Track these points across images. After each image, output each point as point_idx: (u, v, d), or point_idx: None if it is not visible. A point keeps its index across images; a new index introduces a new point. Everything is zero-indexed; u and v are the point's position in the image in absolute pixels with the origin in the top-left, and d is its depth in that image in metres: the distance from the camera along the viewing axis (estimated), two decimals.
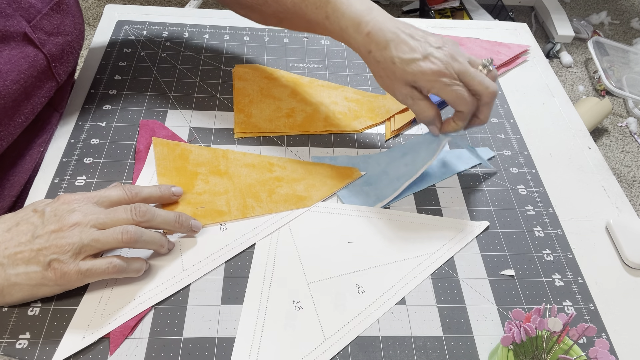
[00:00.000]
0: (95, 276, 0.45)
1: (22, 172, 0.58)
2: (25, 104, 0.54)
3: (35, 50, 0.53)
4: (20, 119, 0.54)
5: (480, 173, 0.62)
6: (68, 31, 0.57)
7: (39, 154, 0.59)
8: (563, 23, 2.07)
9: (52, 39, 0.55)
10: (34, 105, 0.55)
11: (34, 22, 0.53)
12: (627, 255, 0.55)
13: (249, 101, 0.67)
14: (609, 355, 0.40)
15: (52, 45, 0.55)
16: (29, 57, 0.52)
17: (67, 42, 0.57)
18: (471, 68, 0.51)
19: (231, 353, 0.45)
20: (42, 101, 0.56)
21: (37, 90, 0.55)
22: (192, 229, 0.51)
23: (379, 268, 0.52)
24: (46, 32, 0.54)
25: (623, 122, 1.91)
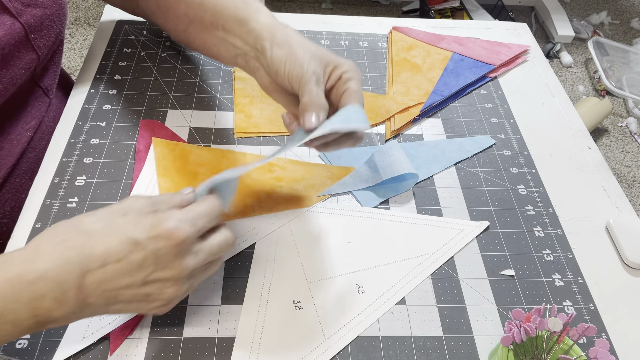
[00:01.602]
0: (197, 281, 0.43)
1: (9, 156, 0.58)
2: (3, 73, 0.54)
3: (12, 19, 0.54)
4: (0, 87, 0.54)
5: (480, 173, 0.62)
6: (47, 4, 0.58)
7: (28, 139, 0.59)
8: (563, 23, 2.07)
9: (29, 10, 0.55)
10: (13, 76, 0.55)
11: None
12: (627, 255, 0.55)
13: (249, 101, 0.67)
14: (609, 355, 0.40)
15: (30, 16, 0.56)
16: (5, 25, 0.53)
17: (45, 14, 0.58)
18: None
19: (231, 353, 0.45)
20: (22, 72, 0.56)
21: (16, 61, 0.55)
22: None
23: (379, 268, 0.52)
24: (22, 3, 0.55)
25: (623, 122, 1.91)
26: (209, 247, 0.41)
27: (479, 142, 0.66)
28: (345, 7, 2.26)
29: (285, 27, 0.50)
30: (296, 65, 0.47)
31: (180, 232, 0.39)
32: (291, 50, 0.48)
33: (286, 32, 0.50)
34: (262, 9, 0.53)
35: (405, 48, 0.78)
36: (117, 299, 0.38)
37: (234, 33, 0.54)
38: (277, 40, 0.49)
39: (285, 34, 0.49)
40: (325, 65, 0.49)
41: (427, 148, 0.64)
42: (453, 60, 0.76)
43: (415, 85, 0.72)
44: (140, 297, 0.39)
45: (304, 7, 2.22)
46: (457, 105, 0.71)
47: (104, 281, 0.37)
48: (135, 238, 0.38)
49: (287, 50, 0.48)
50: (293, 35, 0.49)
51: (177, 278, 0.39)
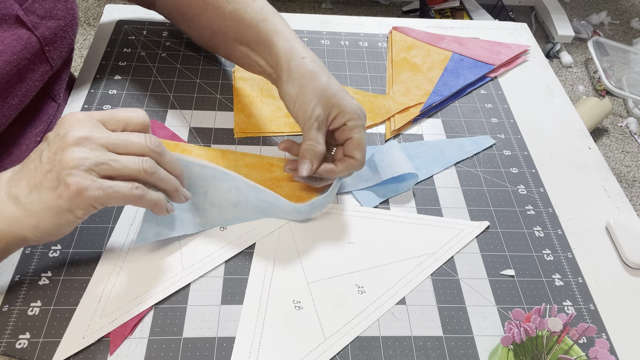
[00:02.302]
0: (118, 199, 0.41)
1: (18, 161, 0.58)
2: (19, 86, 0.54)
3: (28, 33, 0.53)
4: (14, 101, 0.54)
5: (480, 173, 0.62)
6: (61, 15, 0.57)
7: (36, 143, 0.60)
8: (563, 23, 2.07)
9: (44, 23, 0.55)
10: (28, 88, 0.55)
11: (26, 5, 0.53)
12: (627, 255, 0.55)
13: (249, 101, 0.67)
14: (609, 355, 0.40)
15: (45, 29, 0.55)
16: (22, 39, 0.53)
17: (59, 26, 0.57)
18: None
19: (231, 353, 0.45)
20: (36, 85, 0.56)
21: (31, 74, 0.55)
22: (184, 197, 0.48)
23: (379, 268, 0.52)
24: (38, 16, 0.54)
25: (623, 122, 1.91)
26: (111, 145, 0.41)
27: (479, 142, 0.66)
28: (345, 7, 2.26)
29: (301, 57, 0.53)
30: (302, 109, 0.51)
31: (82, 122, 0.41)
32: (302, 90, 0.51)
33: (301, 65, 0.52)
34: (280, 29, 0.55)
35: (405, 48, 0.78)
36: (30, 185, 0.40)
37: (257, 52, 0.57)
38: (291, 74, 0.53)
39: (299, 67, 0.52)
40: (330, 107, 0.51)
41: (427, 148, 0.64)
42: (453, 60, 0.76)
43: (415, 85, 0.72)
44: (44, 175, 0.40)
45: (304, 7, 2.23)
46: (457, 105, 0.71)
47: (16, 173, 0.42)
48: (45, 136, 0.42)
49: (298, 90, 0.52)
50: (306, 70, 0.52)
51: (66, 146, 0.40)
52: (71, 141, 0.40)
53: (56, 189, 0.39)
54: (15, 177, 0.42)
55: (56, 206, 0.40)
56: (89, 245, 0.51)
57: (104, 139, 0.41)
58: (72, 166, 0.39)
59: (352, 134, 0.52)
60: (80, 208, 0.40)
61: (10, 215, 0.40)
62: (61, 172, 0.39)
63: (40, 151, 0.42)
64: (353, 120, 0.52)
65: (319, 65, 0.53)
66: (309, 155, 0.52)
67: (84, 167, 0.39)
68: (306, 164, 0.52)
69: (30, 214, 0.40)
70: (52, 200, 0.40)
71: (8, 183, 0.42)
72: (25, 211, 0.40)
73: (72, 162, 0.39)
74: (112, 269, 0.49)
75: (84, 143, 0.40)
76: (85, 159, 0.39)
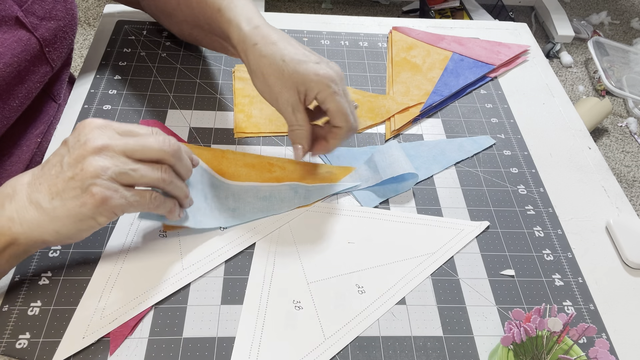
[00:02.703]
0: (138, 207, 0.43)
1: (19, 162, 0.58)
2: (19, 88, 0.54)
3: (28, 34, 0.53)
4: (15, 102, 0.54)
5: (480, 173, 0.62)
6: (60, 16, 0.57)
7: (36, 144, 0.59)
8: (563, 23, 2.07)
9: (44, 24, 0.55)
10: (29, 89, 0.55)
11: (26, 7, 0.53)
12: (627, 255, 0.55)
13: (249, 101, 0.67)
14: (609, 355, 0.40)
15: (45, 30, 0.55)
16: (22, 41, 0.53)
17: (59, 27, 0.57)
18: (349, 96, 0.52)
19: (231, 353, 0.45)
20: (36, 86, 0.56)
21: (31, 75, 0.55)
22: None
23: (379, 268, 0.52)
24: (38, 17, 0.54)
25: (623, 122, 1.91)
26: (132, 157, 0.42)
27: (479, 142, 0.66)
28: (345, 7, 2.26)
29: (253, 44, 0.50)
30: (273, 98, 0.51)
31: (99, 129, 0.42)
32: (264, 80, 0.51)
33: (254, 55, 0.50)
34: (232, 17, 0.53)
35: (405, 48, 0.78)
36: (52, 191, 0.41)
37: (228, 43, 0.57)
38: (251, 67, 0.52)
39: (254, 58, 0.51)
40: (296, 86, 0.50)
41: (427, 148, 0.64)
42: (453, 60, 0.76)
43: (415, 85, 0.72)
44: (67, 182, 0.41)
45: (304, 7, 2.23)
46: (457, 105, 0.71)
47: (37, 177, 0.42)
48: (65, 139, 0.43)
49: (261, 80, 0.51)
50: (260, 58, 0.50)
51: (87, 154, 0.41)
52: (92, 149, 0.41)
53: (80, 197, 0.40)
54: (36, 181, 0.42)
55: (80, 213, 0.41)
56: (89, 245, 0.51)
57: (122, 146, 0.42)
58: (95, 175, 0.40)
59: (326, 104, 0.50)
60: (103, 215, 0.41)
61: (33, 220, 0.41)
62: (85, 181, 0.40)
63: (60, 156, 0.42)
64: (322, 91, 0.49)
65: (272, 43, 0.50)
66: (296, 139, 0.53)
67: (106, 176, 0.41)
68: (297, 148, 0.53)
69: (53, 219, 0.41)
70: (76, 208, 0.41)
71: (29, 187, 0.42)
72: (48, 217, 0.41)
73: (95, 171, 0.40)
74: (112, 269, 0.49)
75: (104, 151, 0.41)
76: (107, 169, 0.41)
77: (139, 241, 0.51)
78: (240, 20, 0.52)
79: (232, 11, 0.53)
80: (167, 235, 0.52)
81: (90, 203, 0.40)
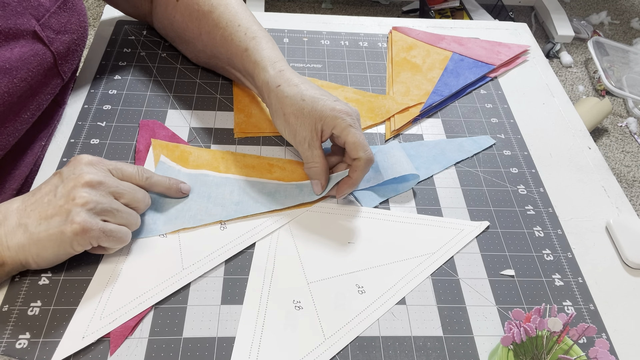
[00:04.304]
0: (111, 242, 0.46)
1: (23, 166, 0.58)
2: (31, 101, 0.54)
3: (44, 48, 0.54)
4: (26, 114, 0.54)
5: (480, 173, 0.62)
6: (74, 29, 0.58)
7: (41, 147, 0.60)
8: (563, 23, 2.07)
9: (59, 37, 0.55)
10: (40, 102, 0.55)
11: (43, 21, 0.53)
12: (627, 255, 0.55)
13: (249, 101, 0.67)
14: (609, 355, 0.40)
15: (60, 44, 0.56)
16: (38, 55, 0.53)
17: (72, 40, 0.58)
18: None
19: (231, 353, 0.45)
20: (47, 98, 0.57)
21: (43, 88, 0.55)
22: (182, 192, 0.54)
23: (379, 268, 0.52)
24: (54, 30, 0.55)
25: (623, 122, 1.91)
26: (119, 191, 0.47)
27: (479, 142, 0.66)
28: (345, 7, 2.26)
29: (276, 86, 0.54)
30: (291, 136, 0.55)
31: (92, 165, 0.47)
32: (286, 120, 0.54)
33: (277, 95, 0.54)
34: (259, 59, 0.57)
35: (405, 48, 0.78)
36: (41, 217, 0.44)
37: (247, 79, 0.61)
38: (273, 106, 0.55)
39: (277, 98, 0.54)
40: (314, 123, 0.53)
41: (427, 148, 0.64)
42: (453, 60, 0.76)
43: (415, 85, 0.72)
44: (57, 209, 0.44)
45: (304, 7, 2.23)
46: (457, 105, 0.71)
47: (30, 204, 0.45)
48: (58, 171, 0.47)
49: (282, 119, 0.54)
50: (282, 98, 0.54)
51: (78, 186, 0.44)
52: (86, 182, 0.45)
53: (63, 224, 0.43)
54: (28, 208, 0.45)
55: (60, 239, 0.44)
56: None
57: (114, 188, 0.47)
58: (82, 204, 0.44)
59: (343, 137, 0.52)
60: (80, 244, 0.44)
61: (19, 242, 0.44)
62: (73, 209, 0.43)
63: (54, 186, 0.46)
64: (338, 125, 0.52)
65: (294, 85, 0.54)
66: (313, 175, 0.55)
67: (93, 209, 0.44)
68: (315, 184, 0.55)
69: (36, 243, 0.44)
70: (58, 234, 0.43)
71: (18, 213, 0.45)
72: (32, 240, 0.44)
73: (84, 200, 0.44)
74: (112, 269, 0.49)
75: (98, 187, 0.45)
76: (96, 203, 0.44)
77: (139, 241, 0.51)
78: (267, 64, 0.56)
79: (259, 54, 0.57)
80: (167, 235, 0.52)
81: (70, 230, 0.43)
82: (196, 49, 0.66)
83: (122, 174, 0.49)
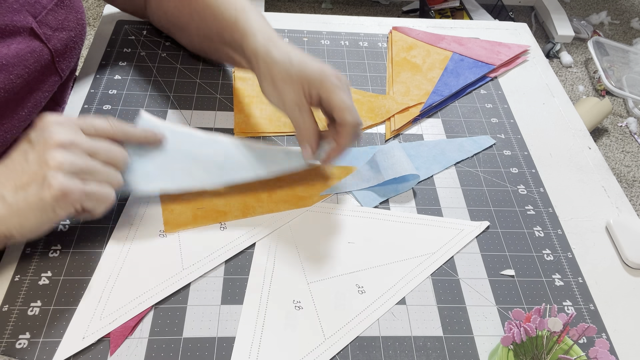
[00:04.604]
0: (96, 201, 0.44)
1: None
2: (28, 98, 0.54)
3: (41, 46, 0.54)
4: (24, 112, 0.54)
5: (480, 173, 0.62)
6: (71, 27, 0.57)
7: None
8: (563, 23, 2.07)
9: (56, 35, 0.55)
10: (37, 99, 0.55)
11: (40, 18, 0.53)
12: (627, 255, 0.55)
13: (249, 101, 0.67)
14: (609, 355, 0.40)
15: (57, 41, 0.55)
16: (35, 52, 0.53)
17: (70, 37, 0.58)
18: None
19: (231, 353, 0.45)
20: (45, 96, 0.56)
21: (41, 85, 0.55)
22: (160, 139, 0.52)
23: (379, 268, 0.52)
24: (51, 28, 0.55)
25: (623, 122, 1.91)
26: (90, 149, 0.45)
27: (479, 142, 0.66)
28: (345, 7, 2.26)
29: (267, 52, 0.53)
30: (280, 101, 0.53)
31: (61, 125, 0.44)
32: (274, 84, 0.52)
33: (267, 61, 0.52)
34: (247, 28, 0.56)
35: (405, 48, 0.78)
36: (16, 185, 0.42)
37: (237, 52, 0.59)
38: (262, 72, 0.53)
39: (267, 65, 0.53)
40: (301, 85, 0.51)
41: (427, 148, 0.64)
42: (453, 60, 0.76)
43: (415, 85, 0.72)
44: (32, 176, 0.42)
45: (304, 7, 2.23)
46: (457, 105, 0.71)
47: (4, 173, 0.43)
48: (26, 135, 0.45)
49: (271, 85, 0.53)
50: (274, 63, 0.52)
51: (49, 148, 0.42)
52: (57, 143, 0.42)
53: (41, 190, 0.41)
54: (1, 178, 0.43)
55: (40, 206, 0.42)
56: (89, 245, 0.51)
57: (87, 145, 0.44)
58: (58, 167, 0.41)
59: (330, 100, 0.51)
60: (62, 208, 0.42)
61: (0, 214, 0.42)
62: (48, 172, 0.41)
63: (24, 152, 0.44)
64: (324, 86, 0.50)
65: (283, 51, 0.52)
66: (303, 139, 0.53)
67: (69, 170, 0.42)
68: (305, 148, 0.53)
69: (17, 212, 0.42)
70: (37, 201, 0.42)
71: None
72: (12, 210, 0.42)
73: (58, 163, 0.41)
74: (112, 269, 0.49)
75: (70, 147, 0.43)
76: (71, 164, 0.42)
77: (139, 241, 0.51)
78: (256, 32, 0.55)
79: (248, 23, 0.56)
80: (167, 235, 0.52)
81: (50, 195, 0.41)
82: (190, 33, 0.66)
83: (95, 129, 0.47)
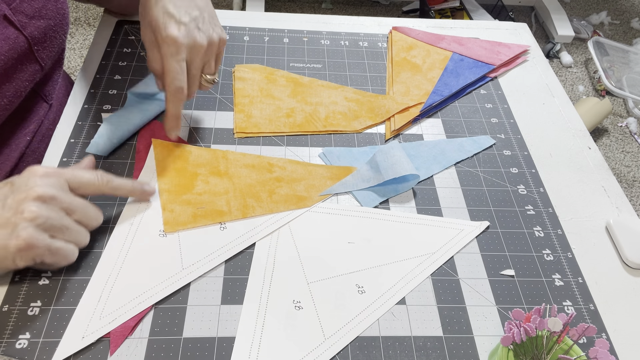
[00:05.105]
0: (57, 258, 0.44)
1: (7, 160, 0.58)
2: (7, 86, 0.54)
3: (16, 33, 0.53)
4: (4, 101, 0.54)
5: (480, 173, 0.62)
6: (50, 15, 0.57)
7: (26, 143, 0.60)
8: (563, 23, 2.07)
9: (33, 22, 0.55)
10: (17, 88, 0.55)
11: (14, 5, 0.53)
12: (627, 255, 0.55)
13: (249, 101, 0.67)
14: (609, 355, 0.40)
15: (34, 29, 0.55)
16: (9, 39, 0.53)
17: (49, 26, 0.57)
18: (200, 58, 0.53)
19: (231, 353, 0.45)
20: (25, 85, 0.56)
21: (20, 74, 0.55)
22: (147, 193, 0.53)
23: (379, 268, 0.52)
24: (27, 15, 0.54)
25: (623, 122, 1.91)
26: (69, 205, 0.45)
27: (479, 142, 0.66)
28: (345, 7, 2.26)
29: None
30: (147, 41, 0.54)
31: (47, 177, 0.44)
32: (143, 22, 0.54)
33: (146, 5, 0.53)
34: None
35: (405, 48, 0.78)
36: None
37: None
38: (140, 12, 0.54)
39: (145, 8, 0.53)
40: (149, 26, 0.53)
41: (427, 148, 0.64)
42: (453, 60, 0.76)
43: (415, 85, 0.72)
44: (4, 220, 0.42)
45: (304, 7, 2.23)
46: (457, 105, 0.71)
47: None
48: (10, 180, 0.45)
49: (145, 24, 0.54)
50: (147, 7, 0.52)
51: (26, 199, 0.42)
52: (37, 195, 0.43)
53: (9, 238, 0.41)
54: None
55: (1, 253, 0.42)
56: (89, 246, 0.51)
57: (67, 203, 0.44)
58: (32, 220, 0.41)
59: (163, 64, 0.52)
60: (22, 259, 0.42)
61: None
62: (20, 223, 0.41)
63: (3, 196, 0.44)
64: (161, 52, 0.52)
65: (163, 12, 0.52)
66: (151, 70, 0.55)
67: (41, 224, 0.42)
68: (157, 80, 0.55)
69: None
70: (1, 247, 0.41)
71: None
72: None
73: (33, 216, 0.42)
74: (112, 269, 0.49)
75: (50, 201, 0.43)
76: (46, 219, 0.42)
77: (139, 241, 0.51)
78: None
79: None
80: (167, 235, 0.52)
81: (14, 245, 0.41)
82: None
83: (80, 181, 0.47)
